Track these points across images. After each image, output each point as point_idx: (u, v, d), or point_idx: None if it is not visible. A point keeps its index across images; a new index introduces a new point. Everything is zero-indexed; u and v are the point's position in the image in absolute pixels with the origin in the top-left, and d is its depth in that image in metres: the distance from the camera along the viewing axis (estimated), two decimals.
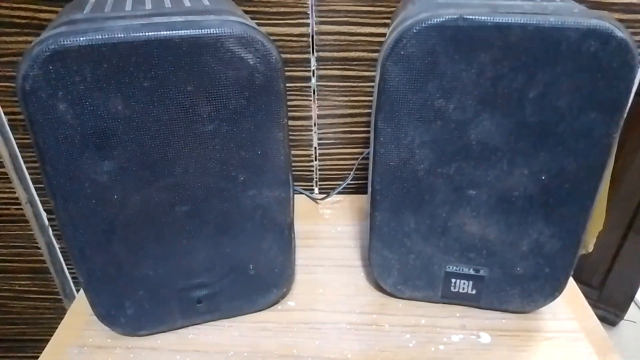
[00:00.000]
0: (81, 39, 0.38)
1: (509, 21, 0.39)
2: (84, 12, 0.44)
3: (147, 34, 0.39)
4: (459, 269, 0.53)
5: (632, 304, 1.59)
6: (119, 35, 0.38)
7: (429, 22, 0.40)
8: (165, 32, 0.39)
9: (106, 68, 0.39)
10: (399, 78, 0.42)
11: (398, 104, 0.44)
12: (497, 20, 0.39)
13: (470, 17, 0.39)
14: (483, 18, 0.39)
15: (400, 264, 0.54)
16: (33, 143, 0.41)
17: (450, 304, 0.57)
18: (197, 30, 0.40)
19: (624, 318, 1.59)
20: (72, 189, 0.43)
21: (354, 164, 0.80)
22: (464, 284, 0.54)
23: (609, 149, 0.43)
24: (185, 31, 0.40)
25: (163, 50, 0.40)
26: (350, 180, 0.80)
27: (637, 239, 1.40)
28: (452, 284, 0.55)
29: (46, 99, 0.39)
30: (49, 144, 0.41)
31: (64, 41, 0.37)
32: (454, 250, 0.52)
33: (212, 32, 0.40)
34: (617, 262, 1.47)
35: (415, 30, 0.40)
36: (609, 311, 1.58)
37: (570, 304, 0.58)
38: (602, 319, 1.59)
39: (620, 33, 0.38)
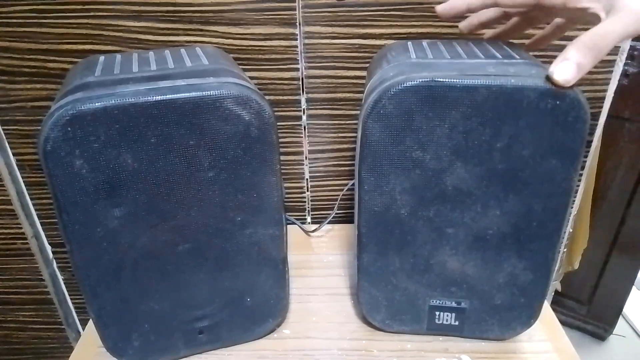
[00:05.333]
0: (96, 104, 0.42)
1: (475, 83, 0.44)
2: (95, 74, 0.48)
3: (154, 98, 0.44)
4: (442, 302, 0.57)
5: (621, 318, 1.63)
6: (130, 100, 0.43)
7: (405, 84, 0.45)
8: (170, 96, 0.44)
9: (118, 128, 0.44)
10: (379, 133, 0.47)
11: (379, 156, 0.49)
12: (465, 83, 0.44)
13: (441, 79, 0.44)
14: (452, 80, 0.44)
15: (388, 300, 0.58)
16: (52, 194, 0.45)
17: (435, 334, 0.61)
18: (198, 93, 0.45)
19: (613, 332, 1.62)
20: (85, 234, 0.47)
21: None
22: (447, 316, 0.58)
23: (570, 191, 0.48)
24: (188, 94, 0.44)
25: (168, 110, 0.44)
26: (338, 211, 0.85)
27: (621, 255, 1.44)
28: (437, 317, 0.59)
29: (65, 157, 0.43)
30: (66, 195, 0.45)
31: (81, 106, 0.42)
32: (436, 285, 0.56)
33: (212, 93, 0.45)
34: (603, 278, 1.51)
35: (392, 92, 0.45)
36: (598, 326, 1.62)
37: (544, 327, 0.62)
38: (591, 334, 1.63)
39: (573, 92, 0.43)
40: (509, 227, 0.51)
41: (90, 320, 0.64)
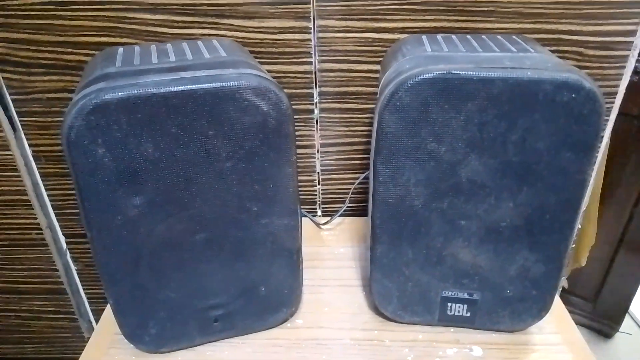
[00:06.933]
0: (119, 93, 0.43)
1: (492, 75, 0.44)
2: (116, 65, 0.49)
3: (175, 88, 0.44)
4: (454, 294, 0.58)
5: (627, 316, 1.63)
6: (152, 90, 0.44)
7: (422, 76, 0.45)
8: (191, 86, 0.45)
9: (140, 117, 0.45)
10: (395, 125, 0.48)
11: (395, 148, 0.49)
12: (482, 75, 0.45)
13: (458, 72, 0.45)
14: (469, 73, 0.45)
15: (400, 291, 0.59)
16: (74, 182, 0.46)
17: (447, 326, 0.62)
18: (218, 83, 0.46)
19: (619, 330, 1.62)
20: (106, 221, 0.49)
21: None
22: (459, 307, 0.59)
23: (583, 184, 0.48)
24: (208, 84, 0.45)
25: (189, 101, 0.45)
26: (349, 204, 0.85)
27: (628, 253, 1.44)
28: (448, 308, 0.59)
29: (88, 145, 0.44)
30: (88, 183, 0.46)
31: (104, 96, 0.43)
32: (448, 277, 0.57)
33: (231, 84, 0.46)
34: (610, 276, 1.51)
35: (409, 84, 0.46)
36: (604, 323, 1.62)
37: (555, 319, 0.63)
38: (597, 332, 1.63)
39: (589, 84, 0.44)
40: (522, 219, 0.51)
41: (106, 308, 0.66)
